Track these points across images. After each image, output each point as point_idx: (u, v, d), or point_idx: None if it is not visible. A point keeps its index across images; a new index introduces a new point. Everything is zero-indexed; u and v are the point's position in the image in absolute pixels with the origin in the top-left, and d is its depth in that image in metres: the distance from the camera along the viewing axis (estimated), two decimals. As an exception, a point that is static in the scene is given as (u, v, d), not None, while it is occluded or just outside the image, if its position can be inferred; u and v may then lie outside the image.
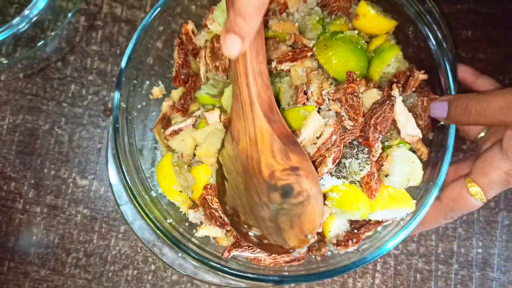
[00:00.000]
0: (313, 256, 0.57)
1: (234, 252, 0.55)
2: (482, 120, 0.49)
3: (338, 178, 0.53)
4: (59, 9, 0.76)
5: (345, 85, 0.53)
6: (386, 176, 0.53)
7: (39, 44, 0.75)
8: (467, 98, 0.50)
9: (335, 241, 0.56)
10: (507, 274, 0.69)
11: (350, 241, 0.55)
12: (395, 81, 0.57)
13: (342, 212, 0.52)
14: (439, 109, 0.53)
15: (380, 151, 0.54)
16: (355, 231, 0.56)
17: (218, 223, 0.55)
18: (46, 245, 0.73)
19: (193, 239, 0.58)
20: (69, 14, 0.75)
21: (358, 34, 0.59)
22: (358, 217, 0.53)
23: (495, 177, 0.51)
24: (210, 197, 0.54)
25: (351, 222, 0.58)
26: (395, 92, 0.54)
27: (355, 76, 0.55)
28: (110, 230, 0.73)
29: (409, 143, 0.56)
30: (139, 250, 0.72)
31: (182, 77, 0.65)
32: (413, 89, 0.57)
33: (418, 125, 0.56)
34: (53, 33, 0.76)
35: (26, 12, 0.70)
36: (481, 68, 0.72)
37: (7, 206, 0.74)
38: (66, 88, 0.76)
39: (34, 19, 0.72)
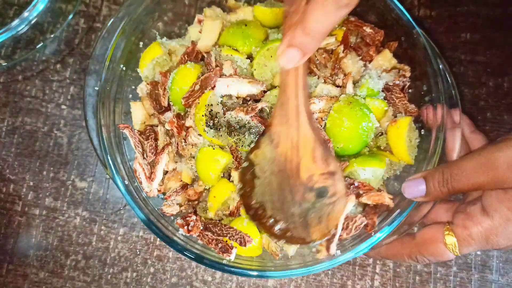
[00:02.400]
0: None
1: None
2: (459, 186, 0.48)
3: None
4: (59, 11, 0.76)
5: None
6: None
7: (38, 46, 0.75)
8: (442, 168, 0.50)
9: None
10: (506, 276, 0.69)
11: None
12: None
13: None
14: (416, 188, 0.52)
15: None
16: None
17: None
18: (45, 247, 0.73)
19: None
20: (69, 17, 0.75)
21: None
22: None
23: (474, 232, 0.50)
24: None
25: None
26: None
27: None
28: (109, 232, 0.73)
29: None
30: (138, 253, 0.72)
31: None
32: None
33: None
34: (52, 35, 0.76)
35: (26, 14, 0.71)
36: (480, 71, 0.72)
37: (6, 208, 0.74)
38: (65, 90, 0.76)
39: (34, 21, 0.72)
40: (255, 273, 0.57)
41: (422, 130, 0.60)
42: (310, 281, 0.69)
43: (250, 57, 0.64)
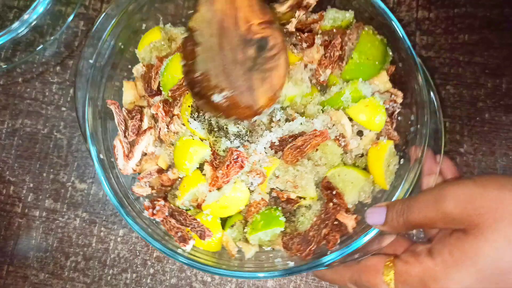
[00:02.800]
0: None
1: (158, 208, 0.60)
2: (412, 218, 0.47)
3: None
4: (58, 14, 0.76)
5: None
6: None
7: (38, 48, 0.76)
8: (403, 199, 0.49)
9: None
10: None
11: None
12: None
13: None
14: (378, 215, 0.51)
15: None
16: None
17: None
18: (45, 249, 0.73)
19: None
20: (68, 19, 0.76)
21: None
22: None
23: (413, 271, 0.47)
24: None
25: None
26: None
27: None
28: (109, 233, 0.73)
29: None
30: (138, 254, 0.72)
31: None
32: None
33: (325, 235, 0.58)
34: (52, 38, 0.76)
35: (25, 16, 0.71)
36: (478, 72, 0.72)
37: (6, 210, 0.74)
38: (65, 92, 0.77)
39: (33, 23, 0.72)
40: (208, 268, 0.57)
41: (402, 159, 0.60)
42: (309, 282, 0.69)
43: None
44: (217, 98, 0.52)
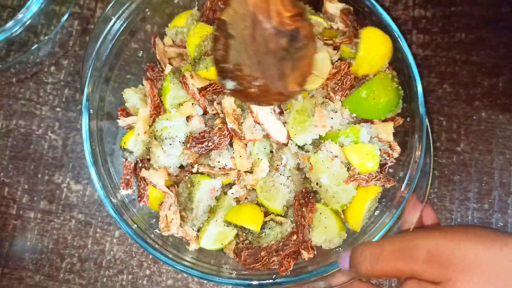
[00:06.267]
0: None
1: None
2: (378, 267, 0.45)
3: None
4: (52, 13, 0.76)
5: None
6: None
7: (32, 48, 0.75)
8: (368, 245, 0.47)
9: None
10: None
11: None
12: None
13: None
14: (344, 261, 0.50)
15: None
16: None
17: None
18: (40, 251, 0.72)
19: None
20: (63, 18, 0.75)
21: None
22: None
23: None
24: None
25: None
26: None
27: None
28: (104, 235, 0.72)
29: None
30: (134, 255, 0.72)
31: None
32: None
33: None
34: (46, 37, 0.75)
35: (19, 16, 0.70)
36: (474, 71, 0.72)
37: (1, 211, 0.73)
38: (59, 92, 0.76)
39: (27, 23, 0.72)
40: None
41: (377, 211, 0.60)
42: (307, 282, 0.69)
43: None
44: (251, 86, 0.55)
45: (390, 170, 0.63)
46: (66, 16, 0.75)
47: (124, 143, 0.63)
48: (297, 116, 0.60)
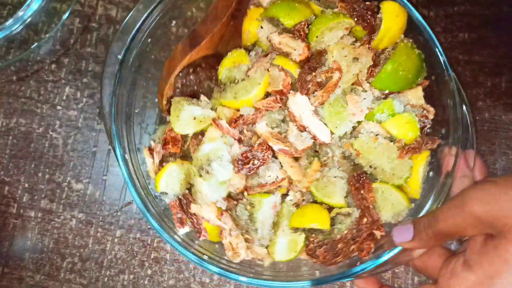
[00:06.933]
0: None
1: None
2: (440, 227, 0.46)
3: None
4: (53, 11, 0.75)
5: None
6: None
7: (32, 46, 0.74)
8: (426, 214, 0.49)
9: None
10: None
11: None
12: None
13: None
14: (405, 232, 0.49)
15: None
16: None
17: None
18: (41, 250, 0.72)
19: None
20: (63, 16, 0.75)
21: None
22: None
23: None
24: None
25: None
26: None
27: None
28: (105, 234, 0.72)
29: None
30: (135, 255, 0.71)
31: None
32: None
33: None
34: (47, 35, 0.75)
35: (20, 13, 0.70)
36: (477, 70, 0.72)
37: (1, 210, 0.73)
38: (60, 90, 0.76)
39: (28, 21, 0.71)
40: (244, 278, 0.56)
41: (431, 172, 0.59)
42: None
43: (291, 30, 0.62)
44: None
45: (428, 130, 0.62)
46: (67, 14, 0.74)
47: (156, 187, 0.61)
48: (331, 109, 0.59)
